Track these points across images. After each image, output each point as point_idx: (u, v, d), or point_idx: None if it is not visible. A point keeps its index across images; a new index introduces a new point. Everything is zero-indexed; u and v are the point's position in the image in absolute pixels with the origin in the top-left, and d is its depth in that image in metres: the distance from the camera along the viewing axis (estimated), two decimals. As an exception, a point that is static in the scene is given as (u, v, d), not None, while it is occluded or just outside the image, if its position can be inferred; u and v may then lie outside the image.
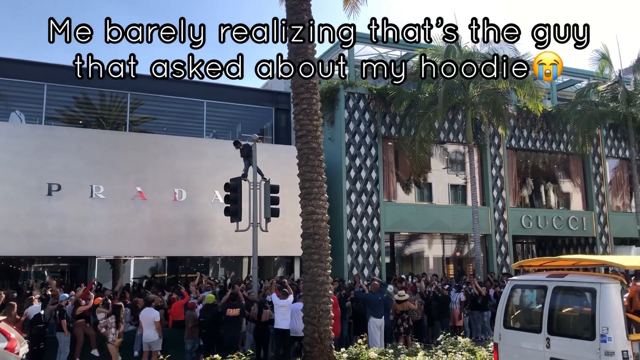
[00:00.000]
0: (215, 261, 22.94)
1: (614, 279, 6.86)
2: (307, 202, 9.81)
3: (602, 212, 25.12)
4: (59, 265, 21.29)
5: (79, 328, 12.22)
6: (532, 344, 7.21)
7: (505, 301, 7.89)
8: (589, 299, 6.89)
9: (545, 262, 8.46)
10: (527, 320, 7.79)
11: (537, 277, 7.93)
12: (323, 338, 9.16)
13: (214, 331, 12.17)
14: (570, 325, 7.15)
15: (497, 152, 23.47)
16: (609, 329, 6.45)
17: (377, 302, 12.81)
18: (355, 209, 20.43)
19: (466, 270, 23.55)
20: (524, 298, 8.04)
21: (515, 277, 8.22)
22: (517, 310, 7.97)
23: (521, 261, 8.52)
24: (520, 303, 8.03)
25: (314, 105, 10.17)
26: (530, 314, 7.77)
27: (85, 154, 17.72)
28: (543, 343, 7.05)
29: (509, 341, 7.61)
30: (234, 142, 16.67)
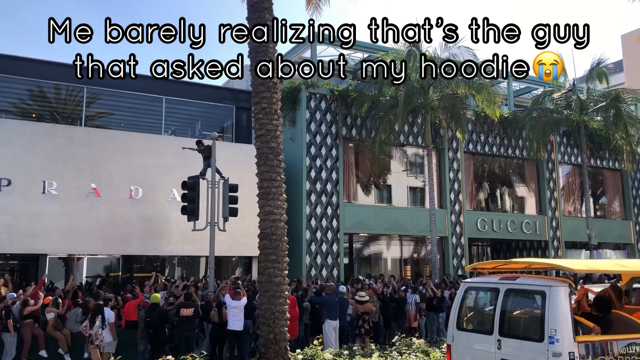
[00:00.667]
0: (171, 260, 22.60)
1: (563, 282, 7.03)
2: (265, 202, 9.75)
3: (554, 216, 25.84)
4: (7, 263, 20.57)
5: (27, 328, 11.83)
6: (483, 345, 7.32)
7: (458, 303, 8.00)
8: (539, 301, 7.04)
9: (498, 265, 8.59)
10: (479, 322, 7.90)
11: (489, 279, 8.05)
12: (278, 339, 9.12)
13: (160, 331, 11.97)
14: (521, 327, 7.28)
15: (455, 155, 23.87)
16: (557, 331, 6.60)
17: (333, 303, 12.83)
18: (315, 210, 20.44)
19: (423, 272, 23.86)
20: (477, 300, 8.15)
21: (468, 280, 8.33)
22: (470, 312, 8.08)
23: (475, 264, 8.65)
24: (473, 305, 8.14)
25: (274, 105, 10.12)
26: (483, 316, 7.87)
27: (38, 148, 17.18)
28: (494, 344, 7.16)
29: (461, 343, 7.71)
30: (196, 141, 16.39)
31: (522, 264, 8.18)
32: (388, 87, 21.19)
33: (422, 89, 20.74)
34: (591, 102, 24.89)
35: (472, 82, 20.67)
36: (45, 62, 21.05)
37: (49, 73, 20.58)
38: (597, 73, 24.39)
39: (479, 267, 8.79)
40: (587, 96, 25.06)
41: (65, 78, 20.75)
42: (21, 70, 20.21)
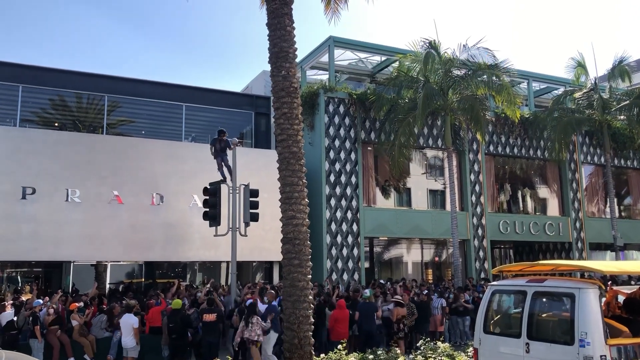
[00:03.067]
0: (193, 266, 22.73)
1: (592, 284, 6.91)
2: (287, 206, 9.74)
3: (577, 217, 25.49)
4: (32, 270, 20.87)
5: (52, 335, 11.97)
6: (511, 348, 7.23)
7: (485, 306, 7.91)
8: (568, 304, 6.93)
9: (524, 268, 8.48)
10: (506, 325, 7.80)
11: (516, 282, 7.94)
12: (303, 344, 9.09)
13: (182, 336, 12.03)
14: (550, 330, 7.18)
15: (475, 157, 23.68)
16: (587, 334, 6.49)
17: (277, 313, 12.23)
18: (334, 214, 20.41)
19: (445, 276, 23.68)
20: (504, 303, 8.06)
21: (495, 283, 8.23)
22: (497, 316, 7.99)
23: (501, 266, 8.56)
24: (499, 308, 8.04)
25: (295, 110, 10.12)
26: (510, 319, 7.78)
27: (61, 157, 17.40)
28: (522, 348, 7.08)
29: (488, 346, 7.63)
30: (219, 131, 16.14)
31: (549, 266, 8.06)
32: (407, 89, 21.12)
33: (441, 90, 20.63)
34: (614, 100, 24.53)
35: (491, 83, 20.54)
36: (66, 72, 21.39)
37: (70, 82, 20.93)
38: (620, 71, 24.06)
39: (505, 270, 8.68)
40: (610, 95, 24.72)
41: (86, 87, 21.07)
42: (43, 80, 20.56)
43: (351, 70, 25.35)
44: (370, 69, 25.33)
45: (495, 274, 8.73)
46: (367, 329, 13.35)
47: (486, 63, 20.72)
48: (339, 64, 23.78)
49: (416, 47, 20.87)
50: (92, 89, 21.23)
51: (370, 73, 25.39)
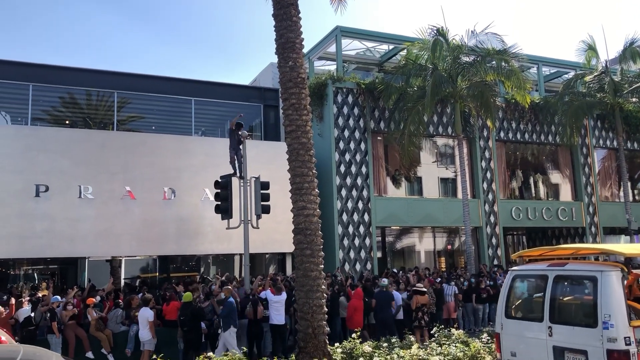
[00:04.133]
0: (206, 259, 22.86)
1: (614, 267, 6.91)
2: (298, 197, 9.75)
3: (591, 202, 25.30)
4: (48, 267, 21.11)
5: (70, 330, 12.12)
6: (534, 332, 7.28)
7: (506, 291, 7.95)
8: (590, 287, 6.96)
9: (544, 252, 8.51)
10: (528, 310, 7.86)
11: (537, 266, 7.96)
12: (317, 333, 9.11)
13: (194, 329, 12.13)
14: (572, 313, 7.22)
15: (486, 144, 23.55)
16: (611, 316, 6.53)
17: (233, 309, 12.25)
18: (345, 204, 20.42)
19: (458, 263, 23.64)
20: (525, 288, 8.10)
21: (515, 267, 8.28)
22: (518, 300, 8.04)
23: (521, 251, 8.60)
24: (521, 293, 8.09)
25: (303, 100, 10.10)
26: (532, 304, 7.83)
27: (73, 154, 17.55)
28: (545, 331, 7.13)
29: (510, 330, 7.68)
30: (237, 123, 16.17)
31: (569, 250, 8.06)
32: (415, 77, 21.01)
33: (449, 77, 20.51)
34: (625, 83, 24.25)
35: (501, 69, 20.39)
36: (76, 69, 21.51)
37: (79, 80, 21.05)
38: (631, 53, 23.79)
39: (525, 255, 8.72)
40: (621, 77, 24.44)
41: (95, 84, 21.19)
42: (53, 78, 20.70)
43: (359, 59, 25.27)
44: (378, 58, 25.23)
45: (516, 258, 8.72)
46: (384, 318, 13.44)
47: (495, 49, 20.57)
48: (346, 54, 23.71)
49: (424, 34, 20.76)
50: (102, 86, 21.35)
51: (378, 62, 25.29)
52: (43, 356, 4.48)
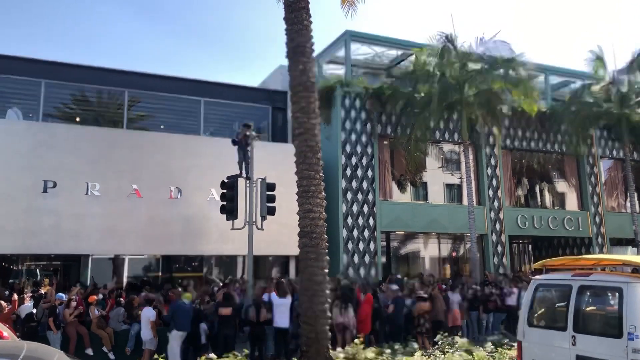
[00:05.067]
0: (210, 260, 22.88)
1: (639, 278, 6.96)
2: (304, 200, 9.76)
3: (597, 212, 25.21)
4: (51, 263, 21.17)
5: (72, 327, 12.16)
6: (557, 341, 7.35)
7: (529, 300, 8.01)
8: (615, 297, 7.04)
9: (566, 262, 8.60)
10: (551, 319, 7.92)
11: (561, 276, 8.02)
12: (320, 338, 9.11)
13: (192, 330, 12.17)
14: (597, 323, 7.29)
15: (492, 151, 23.51)
16: (636, 327, 6.57)
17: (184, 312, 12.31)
18: (351, 208, 20.42)
19: (462, 270, 23.58)
20: (548, 297, 8.16)
21: (538, 277, 8.38)
22: (541, 309, 8.10)
23: (543, 261, 8.73)
24: (544, 302, 8.15)
25: (312, 104, 10.13)
26: (555, 313, 7.89)
27: (82, 151, 17.64)
28: (569, 341, 7.19)
29: (533, 339, 7.75)
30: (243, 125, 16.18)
31: (592, 261, 8.13)
32: (423, 83, 21.01)
33: (457, 84, 20.50)
34: (633, 94, 24.16)
35: (508, 77, 20.38)
36: (87, 67, 21.61)
37: (91, 77, 21.16)
38: (639, 64, 23.70)
39: (548, 264, 8.82)
40: (629, 88, 24.34)
41: (106, 82, 21.29)
42: (65, 75, 20.80)
43: (367, 64, 25.29)
44: (387, 63, 25.24)
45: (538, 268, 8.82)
46: (400, 323, 13.66)
47: (503, 56, 20.55)
48: (355, 59, 23.73)
49: (432, 40, 20.77)
50: (113, 84, 21.44)
51: (387, 67, 25.30)
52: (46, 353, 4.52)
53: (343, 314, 12.72)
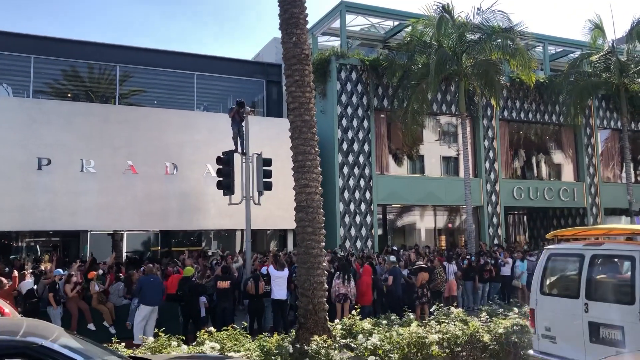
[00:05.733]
0: (208, 234, 22.98)
1: None
2: (300, 175, 9.71)
3: (592, 183, 25.28)
4: (50, 239, 21.24)
5: (72, 302, 12.23)
6: (569, 308, 7.55)
7: (541, 269, 8.22)
8: (627, 266, 7.24)
9: (577, 232, 8.85)
10: (564, 287, 8.11)
11: (573, 245, 8.25)
12: (317, 310, 9.16)
13: (192, 304, 12.28)
14: (609, 291, 7.46)
15: (489, 123, 23.44)
16: None
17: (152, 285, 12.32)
18: (347, 182, 20.43)
19: (458, 242, 23.74)
20: (561, 266, 8.37)
21: (551, 246, 8.57)
22: (553, 278, 8.31)
23: (555, 231, 8.98)
24: (556, 271, 8.35)
25: (307, 77, 9.98)
26: (567, 281, 8.09)
27: (75, 127, 17.52)
28: (581, 308, 7.39)
29: (545, 306, 7.96)
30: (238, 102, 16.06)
31: (602, 230, 8.39)
32: (420, 55, 20.82)
33: (454, 55, 20.32)
34: (632, 63, 24.01)
35: (506, 47, 20.19)
36: (78, 42, 21.36)
37: (81, 53, 20.93)
38: (637, 33, 23.50)
39: (559, 234, 9.09)
40: (627, 57, 24.18)
41: (97, 57, 21.05)
42: (55, 51, 20.57)
43: (363, 36, 25.02)
44: (383, 35, 24.98)
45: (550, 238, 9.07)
46: (398, 294, 13.87)
47: (501, 26, 20.36)
48: (350, 30, 23.47)
49: (429, 11, 20.50)
50: (104, 59, 21.22)
51: (383, 39, 25.05)
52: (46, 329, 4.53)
53: (345, 284, 12.94)
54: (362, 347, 7.77)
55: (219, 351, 7.67)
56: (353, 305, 12.26)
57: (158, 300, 12.01)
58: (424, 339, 8.11)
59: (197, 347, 7.76)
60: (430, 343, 8.08)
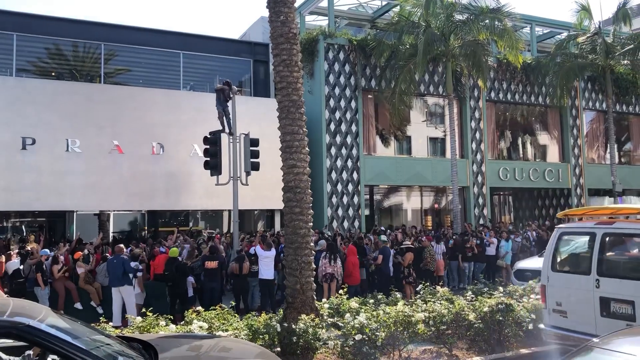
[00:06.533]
0: (195, 214, 22.95)
1: None
2: (288, 155, 9.72)
3: (577, 164, 25.54)
4: (36, 220, 21.10)
5: (60, 282, 12.22)
6: (581, 284, 7.80)
7: (552, 247, 8.46)
8: (638, 243, 7.67)
9: (587, 211, 9.24)
10: (575, 264, 8.39)
11: (585, 224, 8.52)
12: (305, 289, 9.24)
13: (179, 284, 12.31)
14: (620, 267, 7.76)
15: (476, 104, 23.51)
16: None
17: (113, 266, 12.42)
18: (335, 162, 20.44)
19: (444, 222, 23.94)
20: (572, 244, 8.66)
21: (562, 225, 8.87)
22: (565, 255, 8.60)
23: (566, 210, 9.38)
24: (567, 248, 8.65)
25: (294, 57, 9.93)
26: (579, 258, 8.38)
27: (60, 107, 17.31)
28: (592, 284, 7.63)
29: (557, 283, 8.21)
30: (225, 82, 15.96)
31: (610, 210, 8.70)
32: (408, 35, 20.74)
33: (442, 36, 20.27)
34: (618, 45, 24.13)
35: (494, 28, 20.19)
36: (61, 19, 20.99)
37: (65, 30, 20.57)
38: (623, 15, 23.61)
39: (570, 214, 9.46)
40: (613, 39, 24.29)
41: (82, 35, 20.72)
42: (38, 28, 20.21)
43: (351, 15, 24.85)
44: (371, 14, 24.82)
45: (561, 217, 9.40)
46: (388, 272, 14.14)
47: (489, 7, 20.31)
48: (338, 9, 23.29)
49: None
50: (89, 38, 20.89)
51: (371, 18, 24.89)
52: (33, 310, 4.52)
53: (332, 264, 13.07)
54: (349, 326, 7.84)
55: (207, 330, 7.71)
56: (340, 284, 12.36)
57: (116, 282, 11.86)
58: (410, 317, 8.21)
59: (185, 326, 7.80)
60: (417, 321, 8.19)
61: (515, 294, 9.89)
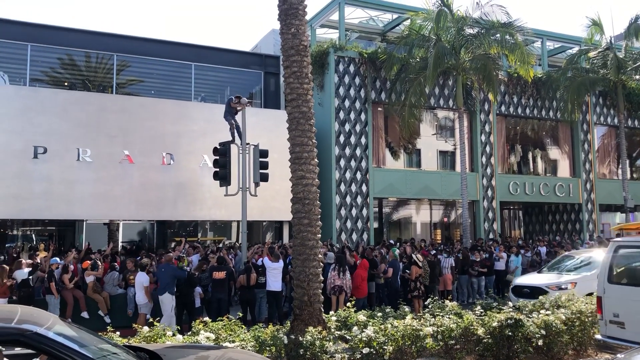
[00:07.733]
0: (204, 225, 22.98)
1: None
2: (297, 166, 9.71)
3: (588, 178, 25.35)
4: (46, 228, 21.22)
5: (68, 291, 12.24)
6: (637, 296, 7.95)
7: (609, 260, 8.61)
8: None
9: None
10: (631, 277, 8.55)
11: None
12: (312, 301, 9.18)
13: (186, 295, 12.29)
14: None
15: (486, 118, 23.46)
16: None
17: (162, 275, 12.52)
18: (344, 175, 20.43)
19: (453, 236, 23.80)
20: (628, 257, 8.77)
21: (618, 239, 9.11)
22: (621, 268, 8.71)
23: (621, 224, 9.53)
24: (623, 261, 8.75)
25: (305, 69, 9.96)
26: (635, 271, 8.56)
27: (72, 116, 17.45)
28: None
29: (613, 294, 8.35)
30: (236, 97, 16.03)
31: None
32: (418, 48, 20.79)
33: (453, 49, 20.30)
34: (629, 60, 24.04)
35: (504, 42, 20.19)
36: (75, 30, 21.24)
37: (79, 41, 20.81)
38: (635, 30, 23.55)
39: (624, 228, 9.91)
40: (625, 54, 24.21)
41: (95, 46, 20.95)
42: (52, 39, 20.47)
43: (362, 28, 24.96)
44: (381, 28, 24.92)
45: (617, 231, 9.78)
46: (397, 286, 14.11)
47: (499, 21, 20.34)
48: (349, 22, 23.41)
49: (428, 4, 20.50)
50: (101, 48, 21.13)
51: (381, 32, 24.99)
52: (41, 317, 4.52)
53: (341, 277, 13.05)
54: (357, 339, 7.78)
55: (214, 341, 7.67)
56: (348, 297, 12.29)
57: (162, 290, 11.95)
58: (419, 331, 8.13)
59: (192, 337, 7.76)
60: (425, 336, 8.10)
61: (525, 309, 9.79)
